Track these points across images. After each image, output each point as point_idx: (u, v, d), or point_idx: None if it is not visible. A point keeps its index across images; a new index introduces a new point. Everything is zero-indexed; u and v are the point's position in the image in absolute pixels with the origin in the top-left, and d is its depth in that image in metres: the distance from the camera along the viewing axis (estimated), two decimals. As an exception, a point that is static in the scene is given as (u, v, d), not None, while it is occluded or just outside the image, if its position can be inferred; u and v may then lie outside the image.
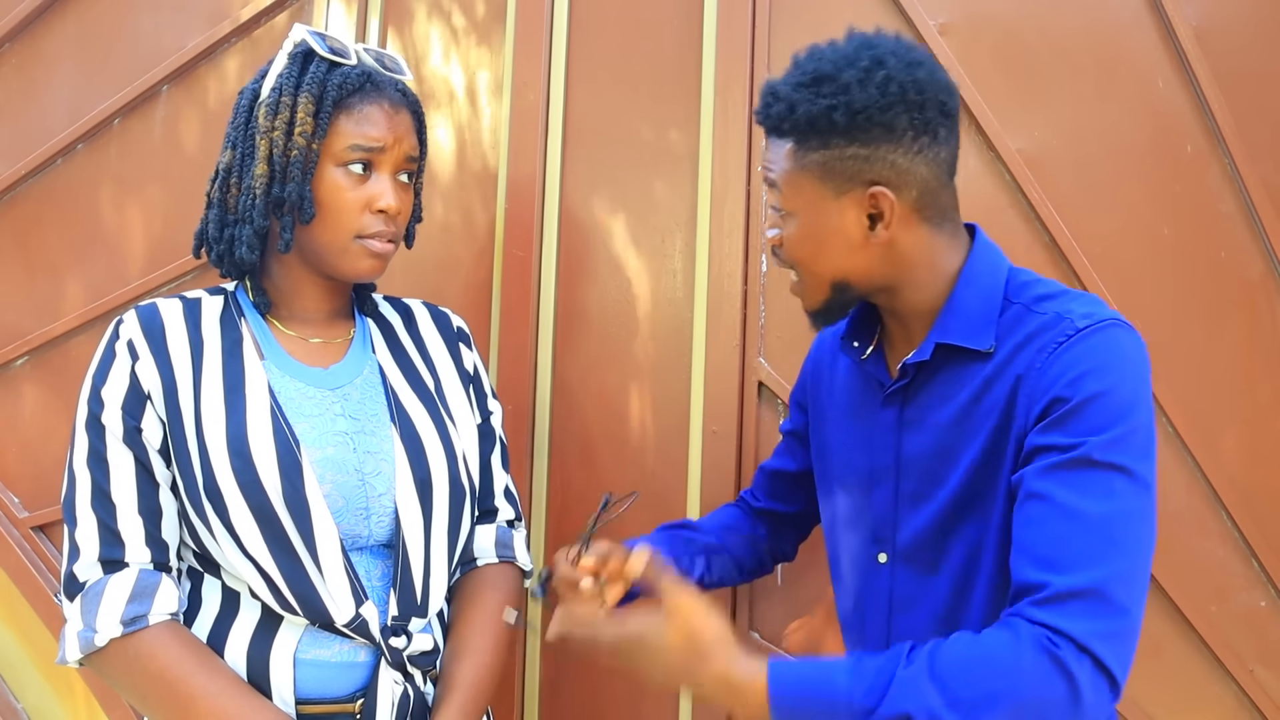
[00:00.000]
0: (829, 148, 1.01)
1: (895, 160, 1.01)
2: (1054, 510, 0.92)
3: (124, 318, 1.15)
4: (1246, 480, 1.46)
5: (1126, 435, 0.93)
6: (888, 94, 0.99)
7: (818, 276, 1.07)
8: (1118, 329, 0.99)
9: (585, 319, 1.68)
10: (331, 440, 1.13)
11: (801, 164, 1.03)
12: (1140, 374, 0.98)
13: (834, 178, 1.02)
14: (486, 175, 1.73)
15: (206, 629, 1.11)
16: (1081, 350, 0.97)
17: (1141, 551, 0.93)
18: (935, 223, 1.06)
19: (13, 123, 1.94)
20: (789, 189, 1.05)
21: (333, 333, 1.23)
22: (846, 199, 1.02)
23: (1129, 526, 0.92)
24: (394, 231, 1.18)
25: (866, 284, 1.07)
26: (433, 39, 1.77)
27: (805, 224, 1.05)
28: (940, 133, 1.03)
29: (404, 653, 1.13)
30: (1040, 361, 0.98)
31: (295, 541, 1.08)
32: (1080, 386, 0.95)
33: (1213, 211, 1.48)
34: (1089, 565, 0.89)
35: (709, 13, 1.62)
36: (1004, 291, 1.06)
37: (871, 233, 1.03)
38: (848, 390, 1.21)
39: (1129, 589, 0.90)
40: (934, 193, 1.04)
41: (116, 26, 1.90)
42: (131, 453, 1.09)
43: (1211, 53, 1.47)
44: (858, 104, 0.99)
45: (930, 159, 1.03)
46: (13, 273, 1.94)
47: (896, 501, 1.12)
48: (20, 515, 1.90)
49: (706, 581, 1.34)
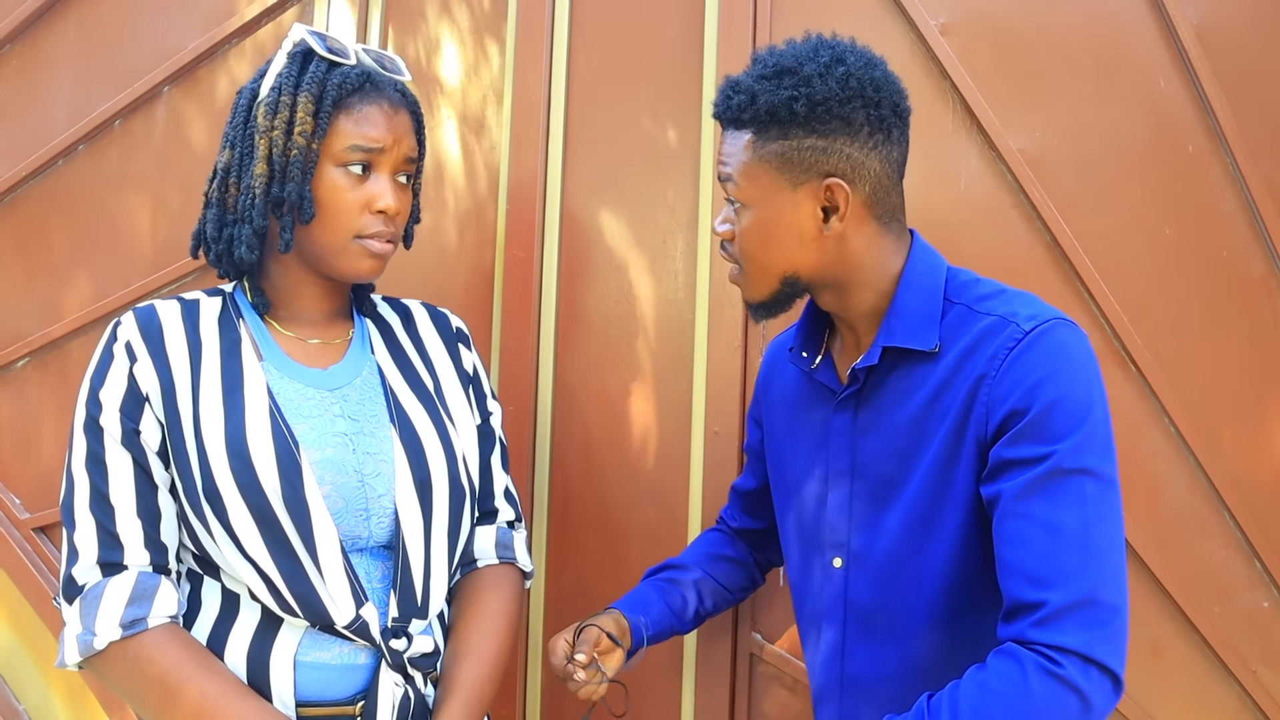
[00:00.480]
0: (788, 138, 1.03)
1: (851, 154, 1.03)
2: (1035, 527, 0.95)
3: (121, 320, 1.15)
4: (1249, 480, 1.46)
5: (1088, 437, 0.96)
6: (847, 88, 1.02)
7: (767, 269, 1.08)
8: (1062, 328, 1.01)
9: (586, 320, 1.68)
10: (331, 441, 1.13)
11: (760, 154, 1.04)
12: (1090, 371, 1.01)
13: (791, 168, 1.03)
14: (488, 176, 1.73)
15: (206, 631, 1.10)
16: (1032, 356, 0.99)
17: (1118, 548, 0.96)
18: (884, 221, 1.08)
19: (14, 124, 1.95)
20: (745, 180, 1.06)
21: (331, 333, 1.23)
22: (803, 190, 1.04)
23: (1104, 528, 0.95)
24: (393, 232, 1.18)
25: (815, 279, 1.09)
26: (434, 40, 1.77)
27: (759, 216, 1.06)
28: (894, 132, 1.06)
29: (404, 655, 1.12)
30: (994, 369, 1.00)
31: (295, 543, 1.07)
32: (1037, 395, 0.97)
33: (1214, 211, 1.47)
34: (1077, 577, 0.93)
35: (710, 14, 1.62)
36: (944, 291, 1.09)
37: (825, 225, 1.05)
38: (798, 401, 1.23)
39: (1115, 588, 0.94)
40: (885, 190, 1.07)
41: (117, 28, 1.90)
42: (130, 455, 1.08)
43: (1213, 51, 1.47)
44: (818, 95, 1.01)
45: (883, 156, 1.05)
46: (14, 274, 1.94)
47: (851, 505, 1.13)
48: (21, 516, 1.90)
49: (702, 614, 1.37)
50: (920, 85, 1.55)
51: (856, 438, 1.13)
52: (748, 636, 1.59)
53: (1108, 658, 0.91)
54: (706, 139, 1.61)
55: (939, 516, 1.05)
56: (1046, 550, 0.94)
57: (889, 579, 1.10)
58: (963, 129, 1.54)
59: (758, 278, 1.10)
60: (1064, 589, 0.92)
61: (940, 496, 1.05)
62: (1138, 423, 1.49)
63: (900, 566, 1.09)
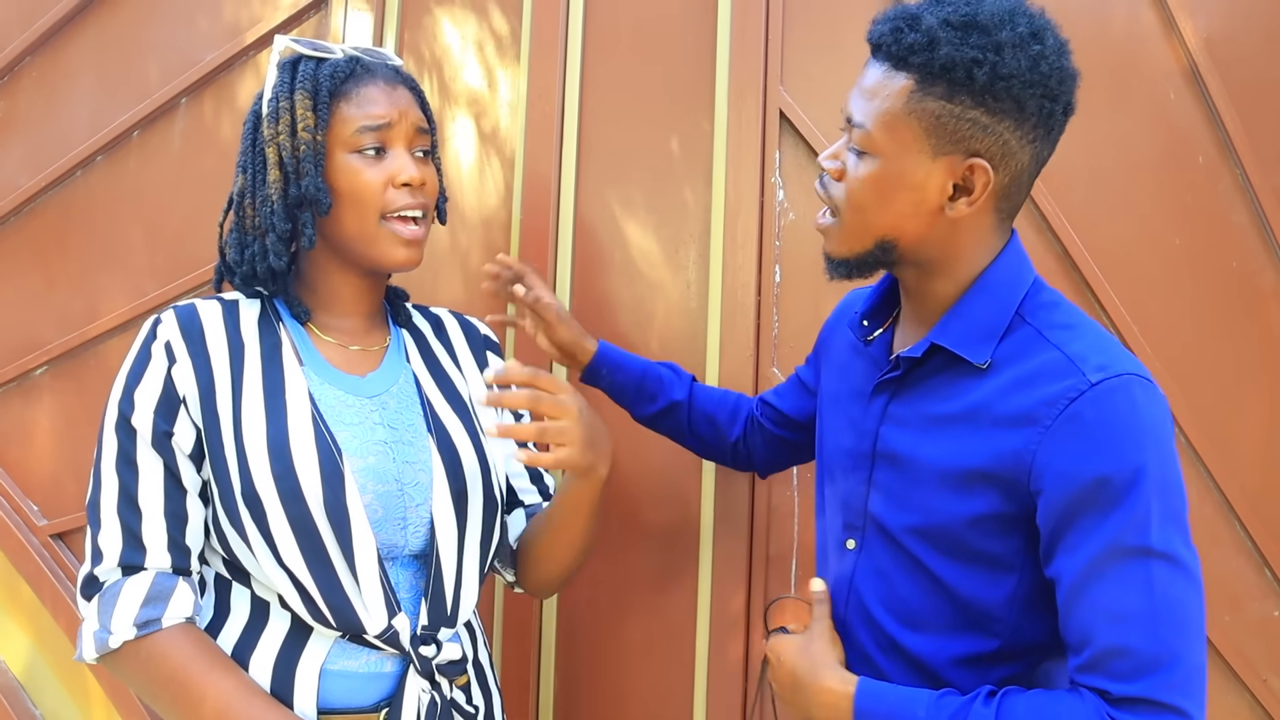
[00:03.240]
0: (952, 101, 0.92)
1: (1009, 141, 0.93)
2: (1099, 619, 0.89)
3: (161, 318, 1.13)
4: (1260, 490, 1.47)
5: (1152, 511, 0.88)
6: (1036, 71, 0.92)
7: (868, 226, 0.99)
8: (1135, 385, 0.91)
9: (599, 328, 1.69)
10: (373, 449, 1.12)
11: (914, 107, 0.93)
12: (1161, 436, 0.91)
13: (941, 135, 0.93)
14: (502, 184, 1.75)
15: (234, 638, 1.10)
16: (1094, 414, 0.89)
17: (1190, 636, 0.89)
18: (1000, 218, 1.00)
19: (33, 135, 1.97)
20: (883, 129, 0.95)
21: (369, 341, 1.23)
22: (942, 161, 0.94)
23: (1174, 616, 0.88)
24: (422, 203, 1.16)
25: (910, 252, 1.00)
26: (450, 48, 1.79)
27: (884, 170, 0.96)
28: (1054, 131, 0.97)
29: (433, 661, 1.12)
30: (1049, 418, 0.91)
31: (332, 551, 1.07)
32: (1094, 462, 0.89)
33: (1225, 222, 1.48)
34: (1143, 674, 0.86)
35: (722, 23, 1.63)
36: (1019, 307, 0.99)
37: (950, 204, 0.96)
38: (848, 364, 1.17)
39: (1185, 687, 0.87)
40: (1020, 188, 0.99)
41: (137, 39, 1.92)
42: (160, 458, 1.08)
43: (1222, 63, 1.48)
44: (1005, 69, 0.90)
45: (1035, 153, 0.97)
46: (33, 283, 1.96)
47: (869, 491, 1.08)
48: (39, 523, 1.92)
49: (668, 408, 1.43)
50: (931, 97, 1.56)
51: (883, 425, 1.06)
52: (760, 640, 1.60)
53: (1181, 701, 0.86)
54: (719, 147, 1.63)
55: (952, 538, 0.99)
56: (1111, 645, 0.88)
57: (892, 581, 1.05)
58: (973, 140, 1.55)
59: (854, 232, 1.00)
60: (1127, 684, 0.87)
61: (953, 517, 0.99)
62: (1148, 432, 1.49)
63: (904, 573, 1.04)
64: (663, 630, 1.63)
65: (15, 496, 1.93)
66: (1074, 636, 0.91)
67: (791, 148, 1.62)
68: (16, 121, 1.99)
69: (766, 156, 1.61)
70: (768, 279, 1.61)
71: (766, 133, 1.60)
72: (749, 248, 1.60)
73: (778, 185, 1.61)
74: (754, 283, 1.60)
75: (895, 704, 0.96)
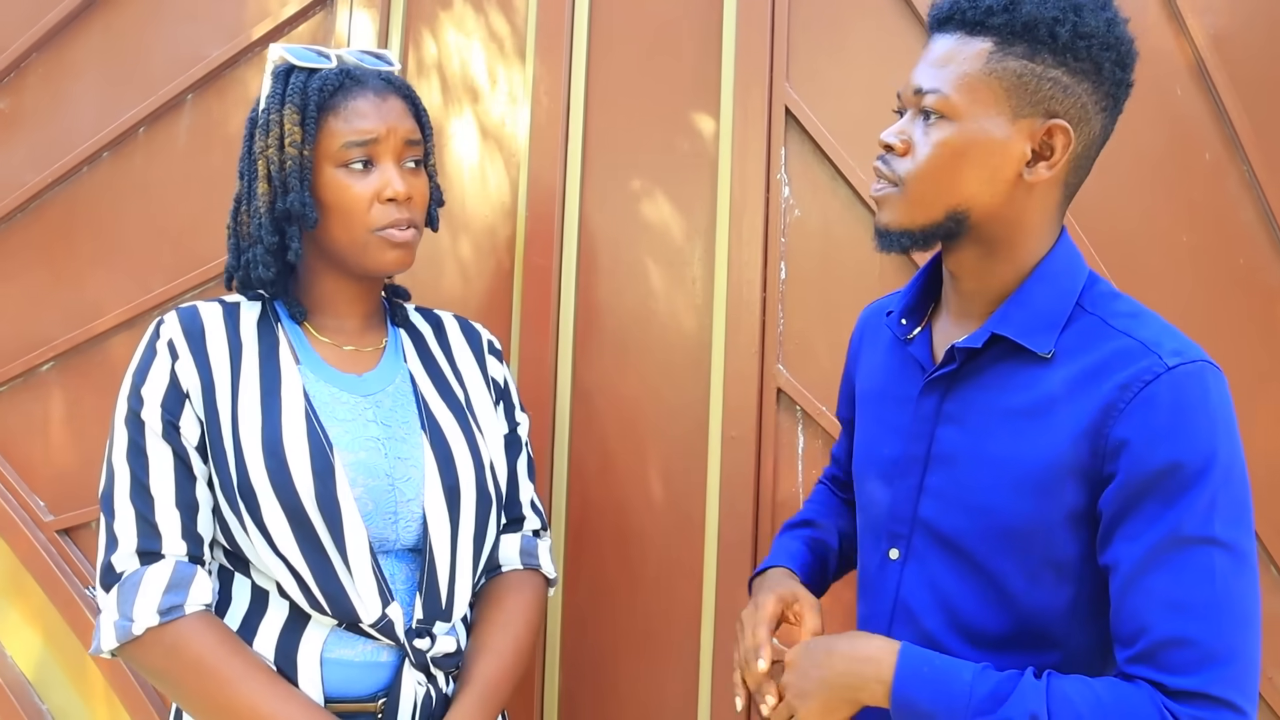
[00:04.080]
0: (1034, 60, 0.92)
1: (1087, 104, 0.94)
2: (1156, 608, 0.87)
3: (164, 318, 1.17)
4: (1265, 487, 1.46)
5: (1219, 502, 0.87)
6: (1113, 34, 0.93)
7: (941, 194, 0.96)
8: (1209, 372, 0.91)
9: (605, 327, 1.69)
10: (364, 445, 1.15)
11: (995, 67, 0.93)
12: (1230, 427, 0.90)
13: (1023, 95, 0.93)
14: (508, 184, 1.75)
15: (235, 625, 1.13)
16: (1170, 399, 0.89)
17: (1249, 630, 0.89)
18: (1066, 195, 0.99)
19: (40, 131, 1.97)
20: (963, 92, 0.93)
21: (366, 341, 1.26)
22: (1020, 125, 0.94)
23: (1235, 609, 0.88)
24: (409, 218, 1.17)
25: (981, 227, 0.98)
26: (454, 49, 1.79)
27: (963, 133, 0.94)
28: (1120, 104, 0.97)
29: (428, 654, 1.14)
30: (1125, 401, 0.90)
31: (325, 541, 1.10)
32: (1167, 446, 0.87)
33: (1231, 219, 1.48)
34: (1199, 666, 0.86)
35: (728, 22, 1.63)
36: (1078, 297, 0.98)
37: (1029, 169, 0.95)
38: (885, 373, 1.14)
39: (1240, 681, 0.86)
40: (1089, 159, 0.98)
41: (142, 36, 1.92)
42: (170, 447, 1.11)
43: (1229, 59, 1.47)
44: (1086, 27, 0.91)
45: (1105, 122, 0.97)
46: (39, 279, 1.96)
47: (919, 497, 1.04)
48: (46, 519, 1.92)
49: (841, 564, 1.30)
50: (937, 93, 1.56)
51: (938, 425, 1.03)
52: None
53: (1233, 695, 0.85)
54: (724, 146, 1.63)
55: (1021, 542, 0.96)
56: (1169, 635, 0.86)
57: (945, 590, 1.01)
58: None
59: (926, 200, 0.97)
60: (1184, 678, 0.85)
61: (1027, 519, 0.95)
62: (1154, 429, 1.49)
63: (961, 580, 1.00)
64: (666, 626, 1.63)
65: (22, 492, 1.94)
66: (1128, 626, 0.89)
67: (797, 145, 1.62)
68: (23, 118, 1.99)
69: (772, 153, 1.61)
70: (773, 276, 1.61)
71: (772, 130, 1.60)
72: (754, 245, 1.60)
73: (783, 182, 1.62)
74: (760, 279, 1.60)
75: (941, 665, 0.94)
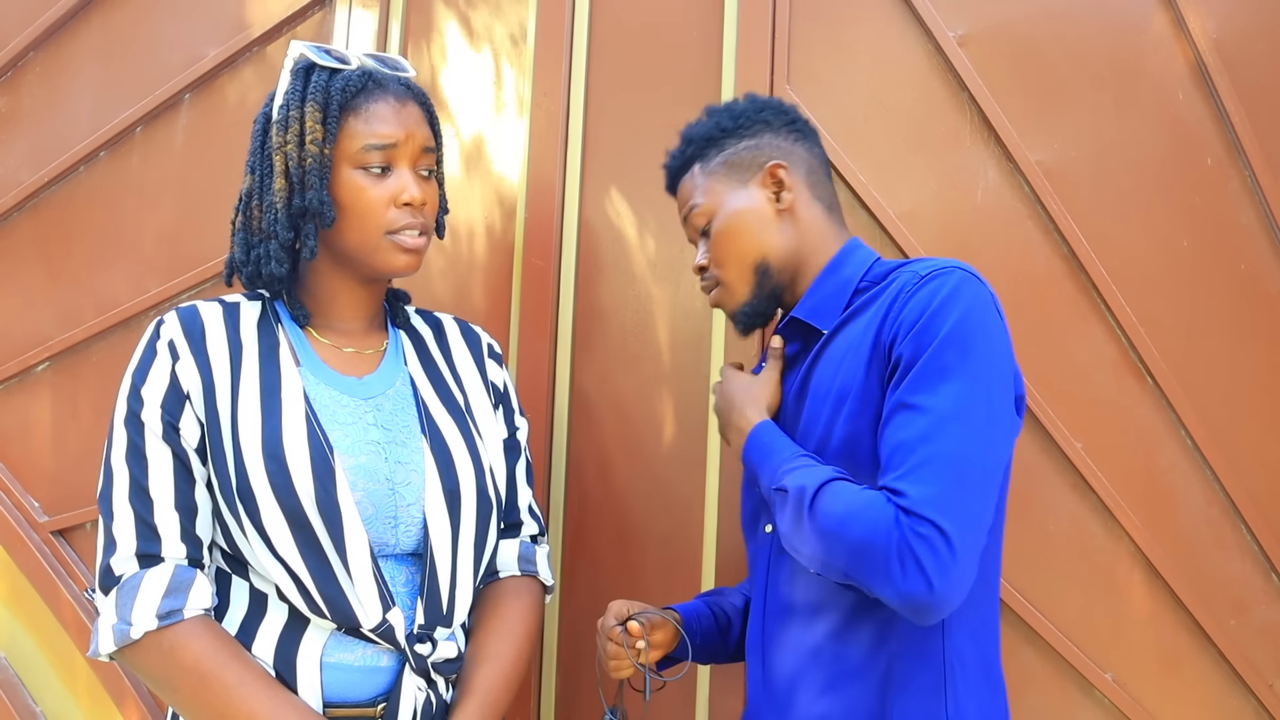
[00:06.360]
0: (724, 149, 1.24)
1: (779, 144, 1.23)
2: (899, 412, 1.03)
3: (164, 318, 1.16)
4: (1266, 494, 1.46)
5: (970, 358, 1.02)
6: (755, 103, 1.26)
7: (740, 260, 1.21)
8: (957, 274, 1.07)
9: (604, 328, 1.69)
10: (364, 449, 1.14)
11: (709, 171, 1.25)
12: (985, 311, 1.05)
13: (738, 169, 1.23)
14: (506, 185, 1.74)
15: (234, 629, 1.12)
16: (926, 292, 1.06)
17: (971, 462, 0.99)
18: (825, 206, 1.23)
19: (36, 130, 1.96)
20: (707, 196, 1.24)
21: (366, 344, 1.25)
22: (752, 184, 1.22)
23: (956, 434, 1.00)
24: (423, 223, 1.19)
25: (783, 265, 1.21)
26: (454, 50, 1.78)
27: (725, 215, 1.22)
28: (808, 136, 1.26)
29: (428, 659, 1.13)
30: (894, 312, 1.07)
31: (326, 545, 1.09)
32: (928, 335, 1.03)
33: (1233, 224, 1.48)
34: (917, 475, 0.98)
35: (728, 23, 1.63)
36: (857, 284, 1.17)
37: (778, 201, 1.21)
38: None
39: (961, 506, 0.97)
40: (819, 176, 1.24)
41: (139, 35, 1.91)
42: (169, 449, 1.10)
43: (1231, 64, 1.47)
44: (736, 110, 1.26)
45: (807, 149, 1.25)
46: (35, 279, 1.96)
47: None
48: (40, 520, 1.92)
49: None
50: (938, 96, 1.56)
51: (795, 404, 1.20)
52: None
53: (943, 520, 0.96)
54: (724, 149, 1.62)
55: (862, 458, 1.09)
56: (902, 439, 1.00)
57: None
58: (980, 140, 1.54)
59: (735, 276, 1.22)
60: (901, 479, 0.98)
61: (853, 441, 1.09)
62: (1154, 435, 1.49)
63: None
64: (665, 631, 1.63)
65: (16, 493, 1.93)
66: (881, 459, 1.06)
67: (797, 147, 1.61)
68: (20, 117, 1.98)
69: (772, 156, 1.60)
70: (772, 279, 1.60)
71: (772, 132, 1.60)
72: (754, 247, 1.60)
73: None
74: (759, 282, 1.59)
75: (780, 440, 1.14)
